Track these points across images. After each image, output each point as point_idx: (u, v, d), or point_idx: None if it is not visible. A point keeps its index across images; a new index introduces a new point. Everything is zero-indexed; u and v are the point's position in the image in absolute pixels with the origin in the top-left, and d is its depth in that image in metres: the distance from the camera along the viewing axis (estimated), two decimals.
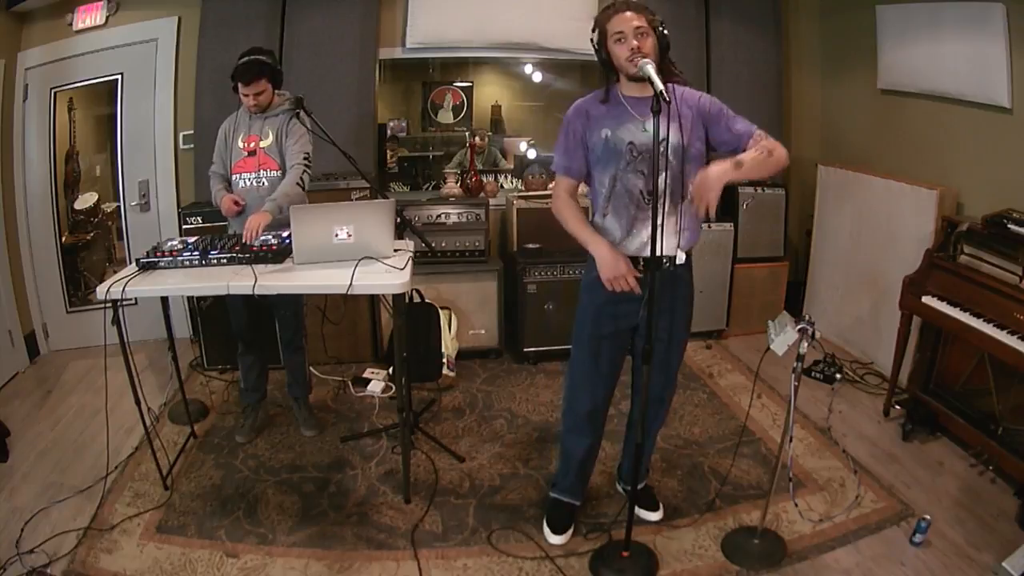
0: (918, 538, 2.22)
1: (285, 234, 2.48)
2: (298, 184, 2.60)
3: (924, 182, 3.28)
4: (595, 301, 2.09)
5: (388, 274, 2.30)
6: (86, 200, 3.86)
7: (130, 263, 2.52)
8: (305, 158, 2.63)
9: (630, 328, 2.10)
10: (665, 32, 1.89)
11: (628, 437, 2.43)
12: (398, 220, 2.58)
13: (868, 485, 2.57)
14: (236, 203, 2.63)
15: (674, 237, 1.98)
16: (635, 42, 1.84)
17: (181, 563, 2.18)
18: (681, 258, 1.99)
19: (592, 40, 1.95)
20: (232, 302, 2.71)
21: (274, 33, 3.67)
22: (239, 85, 2.57)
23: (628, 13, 1.86)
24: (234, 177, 2.69)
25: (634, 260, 1.97)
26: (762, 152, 1.84)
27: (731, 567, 2.17)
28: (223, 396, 3.36)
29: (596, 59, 1.98)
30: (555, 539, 2.29)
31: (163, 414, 3.14)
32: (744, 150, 1.90)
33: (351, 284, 2.22)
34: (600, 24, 1.92)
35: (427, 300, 3.42)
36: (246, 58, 2.56)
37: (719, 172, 1.76)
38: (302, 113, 2.63)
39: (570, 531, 2.32)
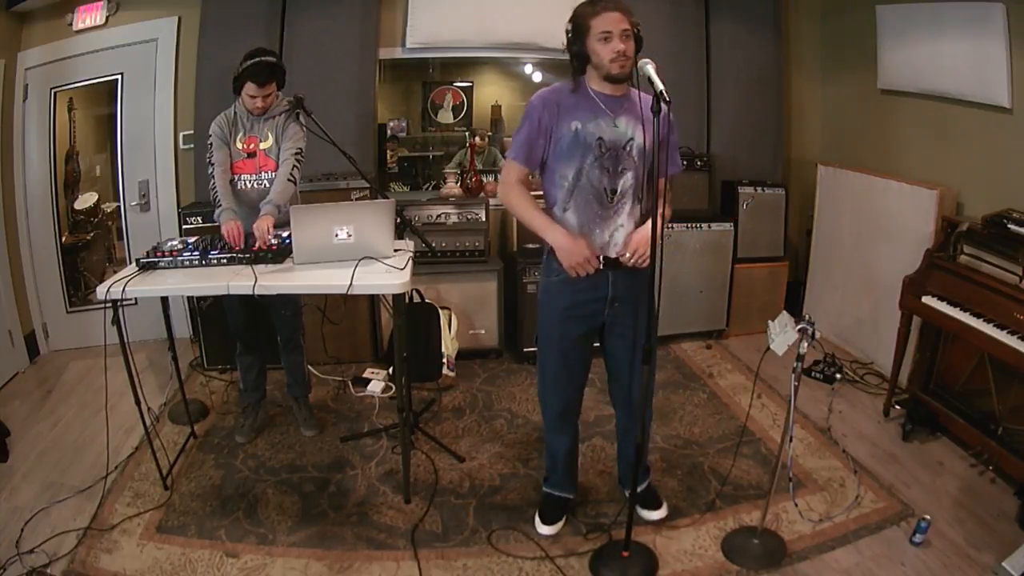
0: (918, 538, 2.22)
1: (285, 234, 2.48)
2: (289, 179, 2.59)
3: (924, 182, 3.28)
4: (558, 304, 2.07)
5: (388, 274, 2.30)
6: (86, 200, 3.86)
7: (130, 263, 2.51)
8: (296, 153, 2.62)
9: (597, 327, 2.11)
10: (640, 35, 1.88)
11: (620, 444, 2.43)
12: (398, 220, 2.58)
13: (868, 485, 2.57)
14: (239, 235, 2.51)
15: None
16: (622, 45, 1.83)
17: (181, 563, 2.18)
18: None
19: (567, 31, 1.91)
20: (229, 302, 2.70)
21: (274, 33, 3.67)
22: (250, 86, 2.52)
23: (616, 13, 1.83)
24: (232, 178, 2.67)
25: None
26: (671, 209, 2.03)
27: (731, 567, 2.17)
28: (223, 396, 3.36)
29: (566, 51, 1.93)
30: (545, 530, 2.31)
31: (163, 414, 3.14)
32: (660, 177, 1.94)
33: (351, 284, 2.22)
34: (582, 19, 1.87)
35: (427, 300, 3.42)
36: (256, 59, 2.51)
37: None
38: (301, 113, 2.62)
39: (560, 523, 2.34)
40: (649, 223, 1.86)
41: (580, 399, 2.27)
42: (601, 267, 1.98)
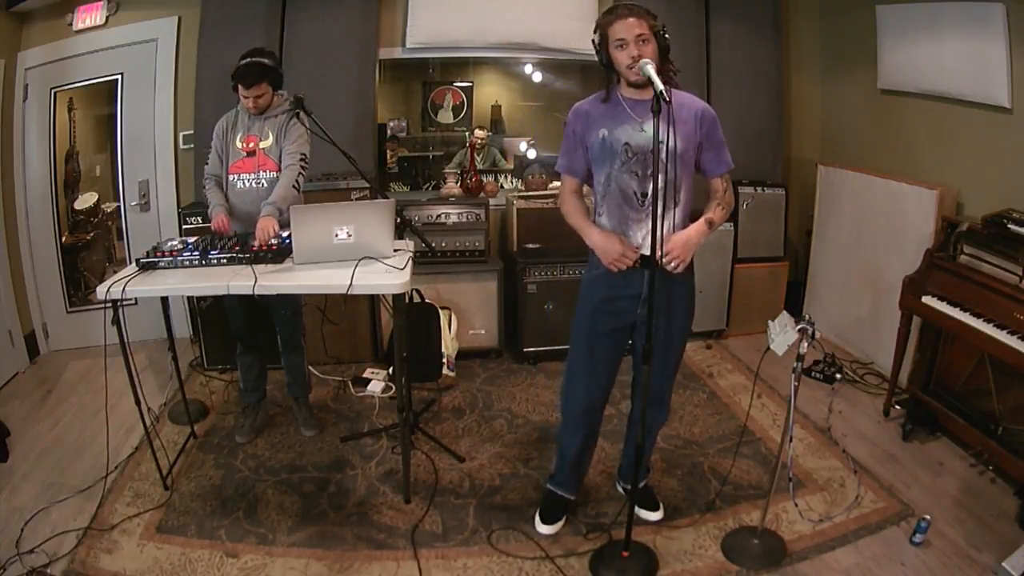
0: (918, 538, 2.22)
1: (285, 234, 2.47)
2: (294, 186, 2.59)
3: (924, 182, 3.28)
4: (592, 298, 2.11)
5: (388, 274, 2.30)
6: (86, 200, 3.86)
7: (130, 263, 2.51)
8: (302, 159, 2.62)
9: (628, 326, 2.11)
10: (666, 36, 1.90)
11: (629, 437, 2.44)
12: (398, 220, 2.58)
13: (868, 485, 2.57)
14: (227, 224, 2.60)
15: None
16: (636, 50, 1.84)
17: (181, 563, 2.18)
18: None
19: (593, 41, 1.96)
20: (229, 302, 2.70)
21: (274, 33, 3.67)
22: (239, 87, 2.55)
23: (631, 19, 1.85)
24: (231, 177, 2.67)
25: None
26: (725, 210, 2.06)
27: (731, 567, 2.17)
28: (223, 396, 3.36)
29: (596, 59, 1.98)
30: (544, 529, 2.32)
31: (163, 414, 3.14)
32: (711, 178, 2.07)
33: (351, 284, 2.22)
34: (602, 28, 1.92)
35: (427, 300, 3.42)
36: (247, 60, 2.53)
37: (698, 234, 1.96)
38: (302, 113, 2.62)
39: (560, 523, 2.34)
40: (692, 226, 1.97)
41: (602, 403, 2.25)
42: (638, 264, 1.98)
